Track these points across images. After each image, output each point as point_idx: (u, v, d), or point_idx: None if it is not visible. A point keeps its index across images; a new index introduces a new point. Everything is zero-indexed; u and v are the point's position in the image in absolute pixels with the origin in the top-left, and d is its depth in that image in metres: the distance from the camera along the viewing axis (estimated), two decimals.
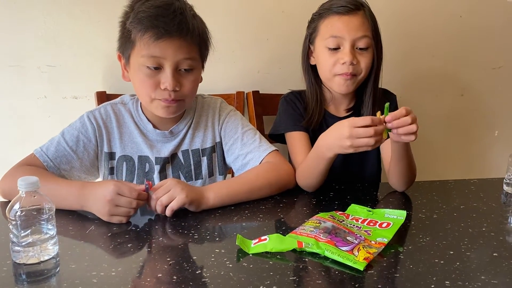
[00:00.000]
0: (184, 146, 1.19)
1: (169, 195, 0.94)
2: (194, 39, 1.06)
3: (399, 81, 1.77)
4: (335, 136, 1.00)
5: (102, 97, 1.51)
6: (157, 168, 1.17)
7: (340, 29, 1.21)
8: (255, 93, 1.64)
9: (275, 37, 1.67)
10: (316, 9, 1.33)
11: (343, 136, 0.96)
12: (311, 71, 1.32)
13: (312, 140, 1.27)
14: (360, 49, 1.22)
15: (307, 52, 1.32)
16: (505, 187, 1.15)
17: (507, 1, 1.83)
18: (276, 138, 1.36)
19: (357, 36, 1.20)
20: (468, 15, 1.81)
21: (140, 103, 1.19)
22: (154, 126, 1.17)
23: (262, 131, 1.61)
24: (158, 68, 1.05)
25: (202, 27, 1.11)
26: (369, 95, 1.28)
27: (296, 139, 1.27)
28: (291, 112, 1.31)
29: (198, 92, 1.28)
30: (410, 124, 0.95)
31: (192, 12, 1.09)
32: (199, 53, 1.10)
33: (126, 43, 1.08)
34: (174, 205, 0.93)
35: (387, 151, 1.22)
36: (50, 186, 0.95)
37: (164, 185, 0.95)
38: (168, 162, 1.18)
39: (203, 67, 1.17)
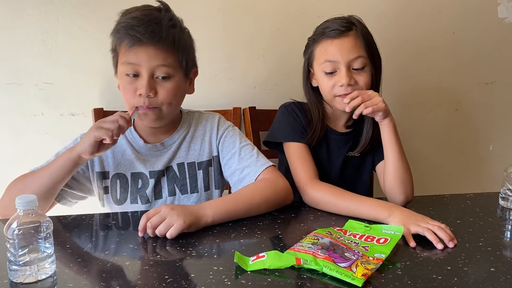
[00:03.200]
0: (179, 159, 1.20)
1: (166, 223, 0.92)
2: (169, 46, 1.09)
3: (394, 96, 1.79)
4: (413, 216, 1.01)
5: (99, 114, 1.51)
6: (151, 182, 1.17)
7: (333, 53, 1.22)
8: (252, 109, 1.65)
9: (271, 53, 1.69)
10: (310, 26, 1.35)
11: (416, 219, 0.99)
12: (313, 92, 1.33)
13: (312, 155, 1.28)
14: (356, 69, 1.23)
15: (308, 75, 1.33)
16: (500, 202, 1.16)
17: (498, 18, 1.86)
18: (271, 145, 1.36)
19: (350, 58, 1.21)
20: (461, 32, 1.84)
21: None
22: (146, 141, 1.19)
23: (258, 147, 1.61)
24: (137, 76, 1.09)
25: (181, 35, 1.12)
26: None
27: (298, 151, 1.26)
28: (292, 122, 1.31)
29: (194, 108, 1.30)
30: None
31: (172, 22, 1.10)
32: (177, 61, 1.12)
33: (113, 53, 1.14)
34: (173, 233, 0.92)
35: (381, 167, 1.28)
36: (45, 167, 1.06)
37: (159, 213, 0.93)
38: (164, 175, 1.19)
39: (187, 76, 1.17)
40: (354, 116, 1.19)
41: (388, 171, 1.20)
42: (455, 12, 1.82)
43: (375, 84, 1.28)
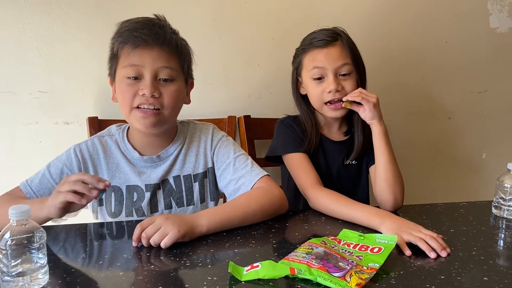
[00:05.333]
0: (175, 172, 1.19)
1: (161, 232, 0.92)
2: (173, 49, 1.10)
3: (388, 105, 1.80)
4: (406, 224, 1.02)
5: (94, 122, 1.51)
6: (147, 195, 1.16)
7: (321, 60, 1.29)
8: (247, 117, 1.66)
9: (266, 62, 1.70)
10: (305, 35, 1.37)
11: (409, 227, 0.99)
12: (302, 100, 1.38)
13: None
14: (343, 75, 1.29)
15: (296, 84, 1.38)
16: (493, 210, 1.17)
17: (490, 28, 1.88)
18: (272, 160, 1.39)
19: (337, 64, 1.28)
20: (454, 41, 1.86)
21: (126, 132, 1.20)
22: (141, 154, 1.18)
23: (253, 155, 1.62)
24: (139, 79, 1.08)
25: (182, 42, 1.15)
26: (358, 117, 1.31)
27: (298, 160, 1.30)
28: (289, 134, 1.35)
29: (190, 118, 1.30)
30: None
31: (173, 30, 1.13)
32: (179, 65, 1.13)
33: (112, 60, 1.13)
34: (167, 242, 0.91)
35: (372, 171, 1.32)
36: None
37: (153, 223, 0.93)
38: (159, 188, 1.18)
39: (186, 82, 1.18)
40: (344, 100, 1.25)
41: (379, 173, 1.24)
42: (448, 22, 1.84)
43: None
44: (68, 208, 0.96)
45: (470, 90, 1.92)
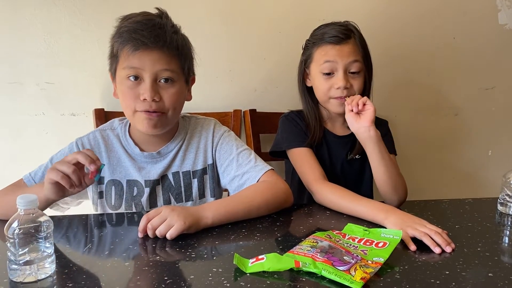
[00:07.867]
0: (175, 168, 1.19)
1: (167, 224, 0.92)
2: (173, 51, 1.09)
3: (394, 102, 1.80)
4: (410, 218, 1.01)
5: (100, 114, 1.52)
6: (147, 190, 1.16)
7: (333, 55, 1.28)
8: (252, 111, 1.66)
9: (272, 56, 1.70)
10: (311, 30, 1.37)
11: (413, 221, 0.99)
12: (307, 93, 1.38)
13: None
14: (352, 73, 1.28)
15: (303, 75, 1.38)
16: (499, 207, 1.16)
17: (499, 24, 1.87)
18: (276, 154, 1.40)
19: (349, 60, 1.27)
20: (462, 37, 1.85)
21: (128, 127, 1.20)
22: (142, 149, 1.17)
23: (259, 149, 1.62)
24: (139, 80, 1.07)
25: (183, 42, 1.13)
26: None
27: (302, 155, 1.30)
28: (293, 129, 1.35)
29: (195, 111, 1.30)
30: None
31: (174, 29, 1.11)
32: (180, 67, 1.12)
33: (112, 59, 1.12)
34: (173, 234, 0.92)
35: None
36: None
37: (159, 214, 0.94)
38: (158, 184, 1.18)
39: (187, 82, 1.17)
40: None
41: (381, 179, 1.22)
42: (456, 18, 1.83)
43: (367, 90, 1.33)
44: (62, 189, 0.97)
45: (477, 86, 1.91)
